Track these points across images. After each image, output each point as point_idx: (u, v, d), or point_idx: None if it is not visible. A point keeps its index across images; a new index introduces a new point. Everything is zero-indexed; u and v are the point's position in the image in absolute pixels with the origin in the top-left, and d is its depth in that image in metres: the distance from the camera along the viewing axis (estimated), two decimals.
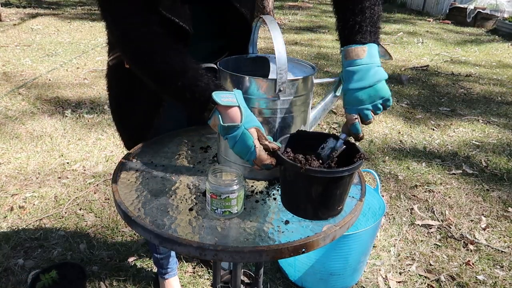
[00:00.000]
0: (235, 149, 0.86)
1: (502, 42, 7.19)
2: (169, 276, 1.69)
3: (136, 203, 0.90)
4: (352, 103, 0.90)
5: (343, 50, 0.90)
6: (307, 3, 11.38)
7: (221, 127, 0.85)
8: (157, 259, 1.64)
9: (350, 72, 0.89)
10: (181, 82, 0.87)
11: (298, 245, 0.78)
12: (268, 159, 0.85)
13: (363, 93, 0.88)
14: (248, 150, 0.85)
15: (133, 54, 0.94)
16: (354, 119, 0.90)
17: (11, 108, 3.50)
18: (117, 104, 1.25)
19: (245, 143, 0.84)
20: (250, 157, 0.85)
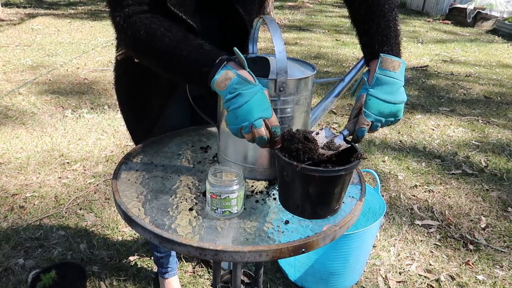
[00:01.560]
0: (251, 103, 0.80)
1: (501, 42, 7.19)
2: (169, 275, 1.70)
3: (136, 203, 0.90)
4: (372, 110, 0.90)
5: (381, 56, 0.91)
6: (307, 3, 11.38)
7: (236, 80, 0.80)
8: (158, 257, 1.64)
9: (382, 81, 0.90)
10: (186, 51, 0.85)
11: (298, 245, 0.78)
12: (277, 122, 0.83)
13: (386, 106, 0.90)
14: (266, 106, 0.81)
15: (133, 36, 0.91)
16: (366, 124, 0.90)
17: (11, 108, 3.50)
18: (126, 97, 1.25)
19: (264, 100, 0.81)
20: (267, 114, 0.81)
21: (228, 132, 0.99)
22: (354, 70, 1.08)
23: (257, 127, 0.80)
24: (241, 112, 0.80)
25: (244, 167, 0.98)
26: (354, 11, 1.02)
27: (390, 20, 0.96)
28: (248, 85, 0.80)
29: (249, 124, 0.80)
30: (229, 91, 0.81)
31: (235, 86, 0.80)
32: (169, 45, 0.87)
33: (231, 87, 0.81)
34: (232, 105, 0.81)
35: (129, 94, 1.23)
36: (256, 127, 0.80)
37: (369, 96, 0.91)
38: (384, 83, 0.90)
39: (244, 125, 0.81)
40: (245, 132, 0.82)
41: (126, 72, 1.20)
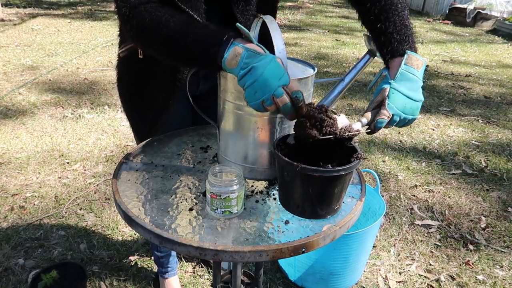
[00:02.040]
0: (266, 73, 0.78)
1: (501, 42, 7.19)
2: (169, 275, 1.70)
3: (136, 203, 0.90)
4: (395, 103, 0.91)
5: (407, 53, 0.93)
6: (307, 3, 11.38)
7: (246, 54, 0.79)
8: (158, 257, 1.64)
9: (406, 77, 0.91)
10: (192, 34, 0.84)
11: (298, 245, 0.78)
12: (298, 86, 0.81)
13: (408, 102, 0.91)
14: (281, 74, 0.79)
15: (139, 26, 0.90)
16: (387, 116, 0.91)
17: (11, 108, 3.51)
18: (129, 94, 1.25)
19: (279, 67, 0.79)
20: (283, 82, 0.79)
21: (228, 132, 0.99)
22: (354, 70, 1.08)
23: (279, 96, 0.79)
24: (259, 85, 0.79)
25: (244, 167, 0.98)
26: (366, 12, 1.04)
27: (405, 18, 0.98)
28: (259, 57, 0.79)
29: (270, 95, 0.79)
30: (241, 67, 0.80)
31: (246, 60, 0.79)
32: (174, 30, 0.86)
33: (242, 63, 0.80)
34: (248, 80, 0.79)
35: (132, 90, 1.23)
36: (278, 96, 0.79)
37: (392, 89, 0.91)
38: (408, 80, 0.92)
39: (266, 98, 0.79)
40: (268, 104, 0.80)
41: (128, 69, 1.20)
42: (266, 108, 0.81)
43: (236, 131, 0.97)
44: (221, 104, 0.99)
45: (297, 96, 0.80)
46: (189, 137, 1.25)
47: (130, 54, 1.14)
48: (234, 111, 0.95)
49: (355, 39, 6.95)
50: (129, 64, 1.19)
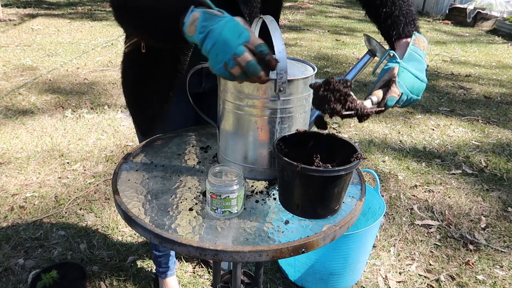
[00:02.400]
0: (224, 33, 0.74)
1: (501, 42, 7.19)
2: (165, 275, 1.70)
3: (136, 203, 0.90)
4: (405, 82, 0.92)
5: (415, 34, 0.96)
6: (307, 3, 11.38)
7: (203, 17, 0.77)
8: (156, 256, 1.64)
9: (414, 57, 0.94)
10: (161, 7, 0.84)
11: (298, 245, 0.78)
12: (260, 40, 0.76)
13: (416, 82, 0.93)
14: (240, 30, 0.75)
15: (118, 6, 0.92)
16: (398, 94, 0.91)
17: (11, 108, 3.51)
18: (132, 88, 1.26)
19: (237, 26, 0.76)
20: (243, 39, 0.74)
21: (228, 132, 0.99)
22: (354, 70, 1.08)
23: (240, 54, 0.74)
24: (219, 47, 0.75)
25: (244, 167, 0.98)
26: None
27: (410, 3, 1.02)
28: (216, 19, 0.76)
29: (231, 56, 0.74)
30: (199, 31, 0.77)
31: (203, 23, 0.76)
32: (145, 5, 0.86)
33: (200, 26, 0.77)
34: (208, 44, 0.76)
35: (135, 84, 1.25)
36: (239, 55, 0.74)
37: (402, 68, 0.92)
38: (416, 60, 0.94)
39: (227, 59, 0.74)
40: (231, 67, 0.75)
41: (132, 63, 1.22)
42: (230, 72, 0.76)
43: (236, 131, 0.97)
44: (221, 104, 0.99)
45: (262, 50, 0.75)
46: (189, 137, 1.25)
47: (134, 48, 1.16)
48: (234, 111, 0.95)
49: (355, 39, 6.95)
50: (132, 58, 1.21)
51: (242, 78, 0.77)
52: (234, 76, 0.77)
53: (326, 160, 0.90)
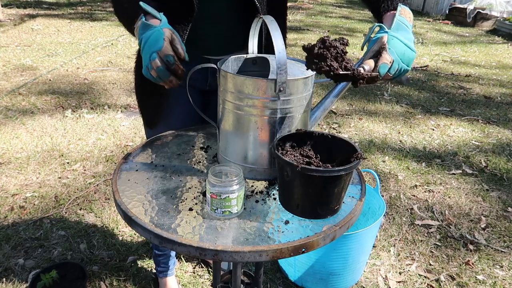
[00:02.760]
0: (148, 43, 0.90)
1: (501, 42, 7.19)
2: (164, 275, 1.69)
3: (136, 203, 0.90)
4: (395, 49, 0.92)
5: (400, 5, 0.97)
6: (307, 3, 11.38)
7: (141, 25, 0.93)
8: (156, 255, 1.64)
9: (401, 27, 0.95)
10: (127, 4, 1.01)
11: (298, 245, 0.78)
12: (171, 51, 0.90)
13: (406, 49, 0.93)
14: (157, 40, 0.89)
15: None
16: (389, 61, 0.91)
17: (11, 108, 3.51)
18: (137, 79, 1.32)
19: (157, 37, 0.90)
20: (157, 48, 0.89)
21: (228, 132, 0.99)
22: None
23: (152, 60, 0.89)
24: (144, 52, 0.91)
25: (244, 167, 0.98)
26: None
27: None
28: (148, 29, 0.91)
29: (149, 61, 0.90)
30: (139, 38, 0.93)
31: (140, 31, 0.93)
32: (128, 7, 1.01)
33: (139, 34, 0.93)
34: (141, 49, 0.93)
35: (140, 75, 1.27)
36: (152, 60, 0.89)
37: (391, 36, 0.93)
38: (403, 29, 0.95)
39: (147, 63, 0.91)
40: (150, 70, 0.91)
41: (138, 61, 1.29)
42: (151, 73, 0.92)
43: (236, 131, 0.97)
44: (221, 104, 0.99)
45: (168, 60, 0.89)
46: (189, 137, 1.25)
47: None
48: (234, 111, 0.95)
49: (355, 39, 6.95)
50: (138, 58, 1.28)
51: (160, 81, 0.93)
52: (154, 78, 0.93)
53: (326, 160, 0.90)
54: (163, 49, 0.89)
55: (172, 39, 0.92)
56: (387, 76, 0.93)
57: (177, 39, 0.93)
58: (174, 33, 0.93)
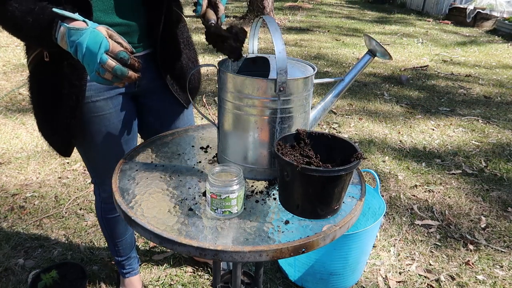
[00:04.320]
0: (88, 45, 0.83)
1: (501, 42, 7.20)
2: (130, 275, 1.68)
3: (136, 203, 0.90)
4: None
5: None
6: (307, 4, 11.39)
7: (69, 33, 0.85)
8: (119, 261, 1.63)
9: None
10: (31, 20, 0.90)
11: (298, 245, 0.78)
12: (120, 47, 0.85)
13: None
14: (99, 41, 0.83)
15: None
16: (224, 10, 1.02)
17: (11, 108, 3.51)
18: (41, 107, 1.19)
19: (96, 36, 0.84)
20: (104, 48, 0.83)
21: (228, 132, 0.99)
22: (354, 70, 1.08)
23: (104, 62, 0.83)
24: (87, 58, 0.84)
25: (244, 167, 0.98)
26: None
27: None
28: (79, 32, 0.84)
29: (99, 64, 0.83)
30: (70, 45, 0.86)
31: (71, 39, 0.85)
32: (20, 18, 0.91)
33: (68, 42, 0.86)
34: (79, 56, 0.85)
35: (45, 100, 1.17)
36: (104, 62, 0.83)
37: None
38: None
39: (96, 68, 0.83)
40: (103, 73, 0.84)
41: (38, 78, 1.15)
42: (104, 78, 0.85)
43: (236, 131, 0.97)
44: (220, 104, 0.99)
45: (122, 57, 0.84)
46: (189, 137, 1.25)
47: (38, 62, 1.10)
48: (234, 111, 0.95)
49: (355, 39, 6.95)
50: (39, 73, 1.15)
51: (116, 81, 0.87)
52: (109, 81, 0.86)
53: (326, 160, 0.90)
54: (111, 48, 0.84)
55: (110, 35, 0.87)
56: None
57: (115, 34, 0.88)
58: (109, 28, 0.88)
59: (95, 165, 1.32)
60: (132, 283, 1.69)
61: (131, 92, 1.26)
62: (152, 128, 1.36)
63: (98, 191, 1.44)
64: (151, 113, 1.34)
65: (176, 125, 1.38)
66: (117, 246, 1.56)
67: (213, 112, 3.55)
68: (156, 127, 1.35)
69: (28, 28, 0.91)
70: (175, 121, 1.38)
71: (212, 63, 1.30)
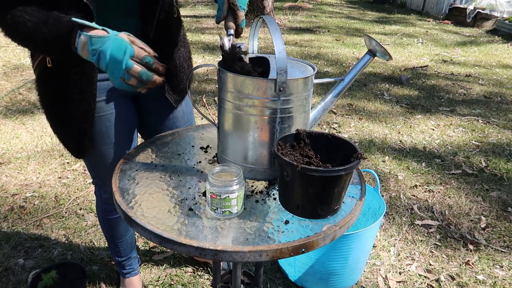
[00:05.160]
0: (112, 52, 0.84)
1: (501, 42, 7.19)
2: (130, 275, 1.68)
3: (136, 203, 0.90)
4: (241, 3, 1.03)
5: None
6: (307, 4, 11.38)
7: (91, 41, 0.85)
8: (119, 262, 1.63)
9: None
10: (47, 31, 0.89)
11: (298, 245, 0.78)
12: (144, 52, 0.86)
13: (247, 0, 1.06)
14: (124, 48, 0.84)
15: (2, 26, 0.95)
16: (243, 16, 1.01)
17: (11, 108, 3.51)
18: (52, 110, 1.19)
19: (120, 42, 0.85)
20: (129, 54, 0.84)
21: (228, 132, 0.99)
22: (354, 70, 1.08)
23: (130, 67, 0.84)
24: (112, 66, 0.84)
25: (244, 167, 0.98)
26: None
27: None
28: (102, 40, 0.85)
29: (124, 70, 0.84)
30: (92, 54, 0.86)
31: (93, 47, 0.86)
32: (33, 29, 0.90)
33: (90, 50, 0.86)
34: (102, 64, 0.86)
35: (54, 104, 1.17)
36: (130, 68, 0.84)
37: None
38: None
39: (122, 74, 0.85)
40: (128, 79, 0.86)
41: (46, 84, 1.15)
42: (128, 84, 0.86)
43: (236, 131, 0.97)
44: (220, 104, 0.99)
45: (147, 61, 0.86)
46: (189, 137, 1.25)
47: (43, 67, 1.10)
48: (234, 111, 0.95)
49: (355, 39, 6.95)
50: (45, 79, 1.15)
51: (141, 86, 0.88)
52: (133, 86, 0.87)
53: (326, 160, 0.90)
54: (136, 53, 0.86)
55: (132, 41, 0.88)
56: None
57: (136, 40, 0.89)
58: (130, 35, 0.89)
59: (96, 166, 1.32)
60: (132, 283, 1.69)
61: (131, 93, 1.26)
62: (152, 128, 1.36)
63: (99, 192, 1.44)
64: (150, 113, 1.34)
65: (176, 125, 1.38)
66: (117, 246, 1.56)
67: (213, 112, 3.55)
68: (155, 127, 1.36)
69: (44, 39, 0.90)
70: (175, 121, 1.38)
71: (212, 63, 1.29)
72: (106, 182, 1.34)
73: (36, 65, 1.12)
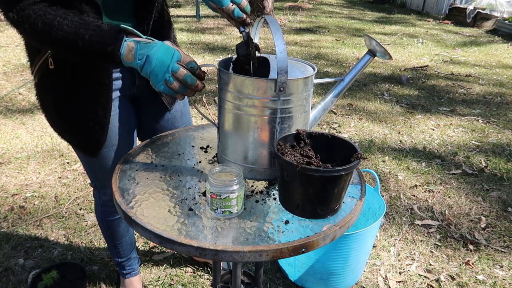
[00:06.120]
0: (160, 56, 0.89)
1: (501, 42, 7.19)
2: (130, 276, 1.68)
3: (136, 203, 0.90)
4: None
5: None
6: (307, 4, 11.38)
7: (139, 46, 0.90)
8: (118, 262, 1.63)
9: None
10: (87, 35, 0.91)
11: (298, 245, 0.78)
12: (189, 57, 0.91)
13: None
14: (172, 52, 0.89)
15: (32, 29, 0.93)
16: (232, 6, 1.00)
17: (11, 108, 3.51)
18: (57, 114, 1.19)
19: (168, 48, 0.90)
20: (176, 58, 0.89)
21: (228, 132, 0.99)
22: (354, 70, 1.08)
23: (176, 71, 0.89)
24: (157, 69, 0.89)
25: (244, 167, 0.98)
26: None
27: None
28: (150, 46, 0.90)
29: (170, 73, 0.89)
30: (138, 58, 0.90)
31: (141, 52, 0.90)
32: (69, 33, 0.92)
33: (137, 54, 0.90)
34: (148, 68, 0.90)
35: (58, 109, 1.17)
36: (176, 71, 0.89)
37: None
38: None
39: (166, 77, 0.89)
40: (171, 82, 0.89)
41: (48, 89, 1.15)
42: (171, 87, 0.90)
43: (236, 131, 0.97)
44: (220, 104, 0.99)
45: (192, 66, 0.91)
46: (189, 137, 1.25)
47: (44, 73, 1.10)
48: (234, 111, 0.95)
49: (355, 39, 6.95)
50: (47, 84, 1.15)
51: (182, 91, 0.91)
52: (175, 90, 0.91)
53: (326, 160, 0.90)
54: (182, 58, 0.90)
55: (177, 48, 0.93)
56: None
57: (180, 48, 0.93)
58: (173, 44, 0.94)
59: (95, 168, 1.32)
60: (132, 284, 1.69)
61: (131, 94, 1.25)
62: (150, 129, 1.36)
63: (98, 194, 1.44)
64: (148, 114, 1.34)
65: (174, 126, 1.39)
66: (117, 247, 1.56)
67: (213, 112, 3.55)
68: (154, 129, 1.36)
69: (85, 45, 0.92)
70: (173, 122, 1.38)
71: (212, 63, 1.29)
72: (105, 184, 1.34)
73: (37, 69, 1.11)
